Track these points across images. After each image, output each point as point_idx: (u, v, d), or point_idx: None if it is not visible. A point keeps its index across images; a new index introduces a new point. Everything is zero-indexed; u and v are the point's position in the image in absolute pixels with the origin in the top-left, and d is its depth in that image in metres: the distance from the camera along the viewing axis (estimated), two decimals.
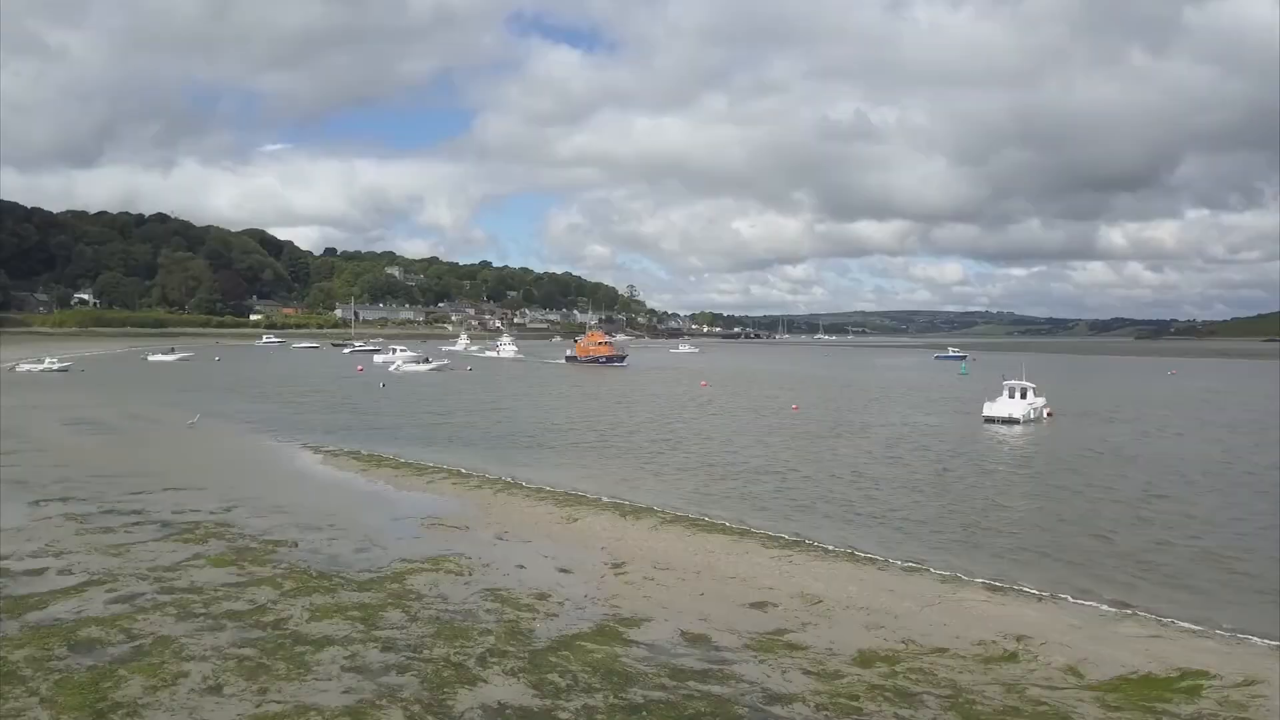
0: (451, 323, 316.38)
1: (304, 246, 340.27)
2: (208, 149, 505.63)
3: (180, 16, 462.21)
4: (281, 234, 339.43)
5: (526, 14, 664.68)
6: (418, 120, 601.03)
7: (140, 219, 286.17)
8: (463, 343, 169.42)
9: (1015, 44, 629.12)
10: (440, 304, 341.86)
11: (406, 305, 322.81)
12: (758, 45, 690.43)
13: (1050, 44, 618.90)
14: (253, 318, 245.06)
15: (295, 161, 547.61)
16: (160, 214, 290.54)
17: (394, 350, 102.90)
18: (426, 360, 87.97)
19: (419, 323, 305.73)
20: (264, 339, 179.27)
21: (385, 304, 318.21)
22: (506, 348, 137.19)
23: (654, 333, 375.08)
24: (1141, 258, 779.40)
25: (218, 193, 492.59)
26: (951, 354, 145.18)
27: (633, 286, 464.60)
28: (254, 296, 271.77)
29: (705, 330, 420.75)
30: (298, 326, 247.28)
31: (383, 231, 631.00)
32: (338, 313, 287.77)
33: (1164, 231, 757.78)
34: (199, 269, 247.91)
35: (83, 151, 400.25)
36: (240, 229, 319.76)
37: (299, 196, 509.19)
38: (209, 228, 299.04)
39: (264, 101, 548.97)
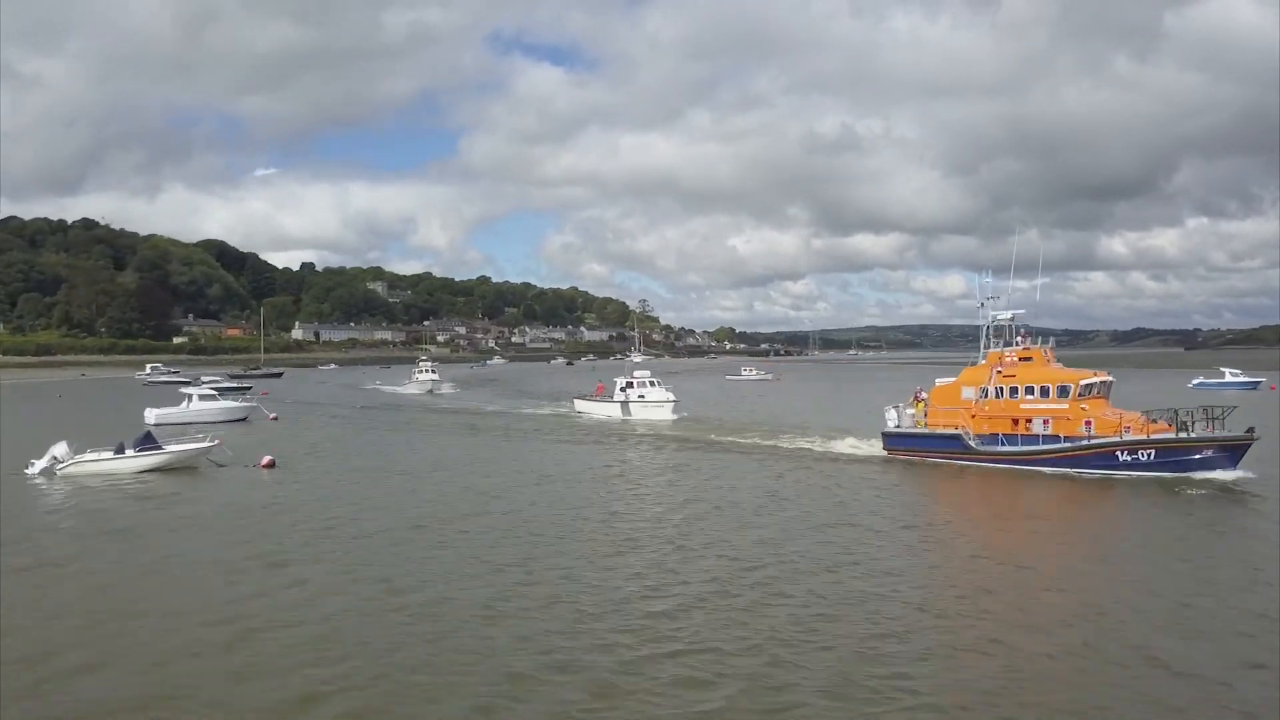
0: (436, 343, 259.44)
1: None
2: (195, 174, 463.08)
3: (152, 42, 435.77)
4: (275, 258, 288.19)
5: (506, 32, 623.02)
6: (406, 142, 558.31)
7: (61, 225, 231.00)
8: (424, 378, 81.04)
9: (996, 52, 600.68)
10: (426, 321, 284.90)
11: (384, 323, 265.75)
12: (738, 59, 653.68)
13: (1032, 51, 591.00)
14: (176, 340, 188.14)
15: (286, 185, 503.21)
16: (86, 219, 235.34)
17: (189, 399, 45.88)
18: (136, 448, 30.34)
19: (396, 344, 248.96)
20: (148, 369, 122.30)
21: (360, 322, 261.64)
22: (654, 398, 52.53)
23: (673, 351, 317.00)
24: (1143, 267, 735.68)
25: (210, 217, 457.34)
26: (1234, 380, 79.16)
27: (644, 301, 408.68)
28: (190, 315, 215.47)
29: (728, 347, 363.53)
30: (236, 350, 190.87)
31: (380, 254, 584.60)
32: (296, 333, 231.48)
33: (1165, 240, 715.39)
34: (111, 281, 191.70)
35: (66, 179, 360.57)
36: (198, 240, 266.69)
37: (291, 220, 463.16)
38: (151, 236, 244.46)
39: (247, 125, 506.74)
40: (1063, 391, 28.53)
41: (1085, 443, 27.43)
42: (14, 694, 10.56)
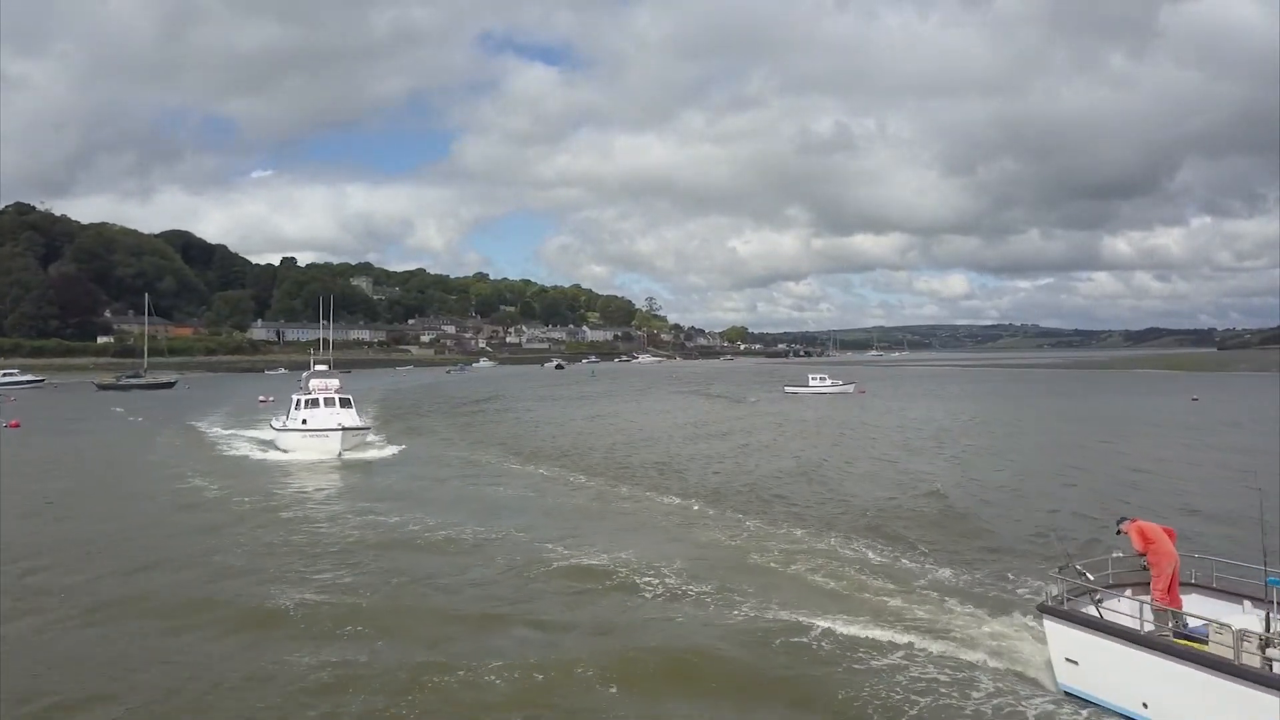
0: (420, 343, 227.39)
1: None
2: (189, 176, 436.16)
3: (135, 43, 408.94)
4: (272, 261, 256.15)
5: (497, 32, 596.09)
6: (401, 144, 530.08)
7: None
8: (322, 422, 34.41)
9: (990, 51, 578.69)
10: (411, 320, 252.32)
11: (362, 322, 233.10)
12: (728, 59, 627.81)
13: (1025, 50, 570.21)
14: (102, 340, 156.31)
15: (283, 188, 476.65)
16: (20, 204, 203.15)
17: None
18: None
19: (374, 344, 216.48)
20: None
21: (335, 320, 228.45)
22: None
23: (684, 352, 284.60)
24: (1148, 267, 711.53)
25: (207, 220, 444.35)
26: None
27: (652, 299, 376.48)
28: (130, 312, 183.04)
29: (742, 347, 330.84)
30: (175, 352, 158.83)
31: (379, 256, 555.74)
32: (257, 332, 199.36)
33: (1169, 239, 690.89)
34: (29, 271, 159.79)
35: (56, 182, 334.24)
36: (161, 232, 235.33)
37: (289, 223, 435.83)
38: (101, 225, 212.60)
39: (239, 127, 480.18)
40: None
41: None
42: None
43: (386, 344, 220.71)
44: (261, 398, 63.37)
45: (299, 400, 36.27)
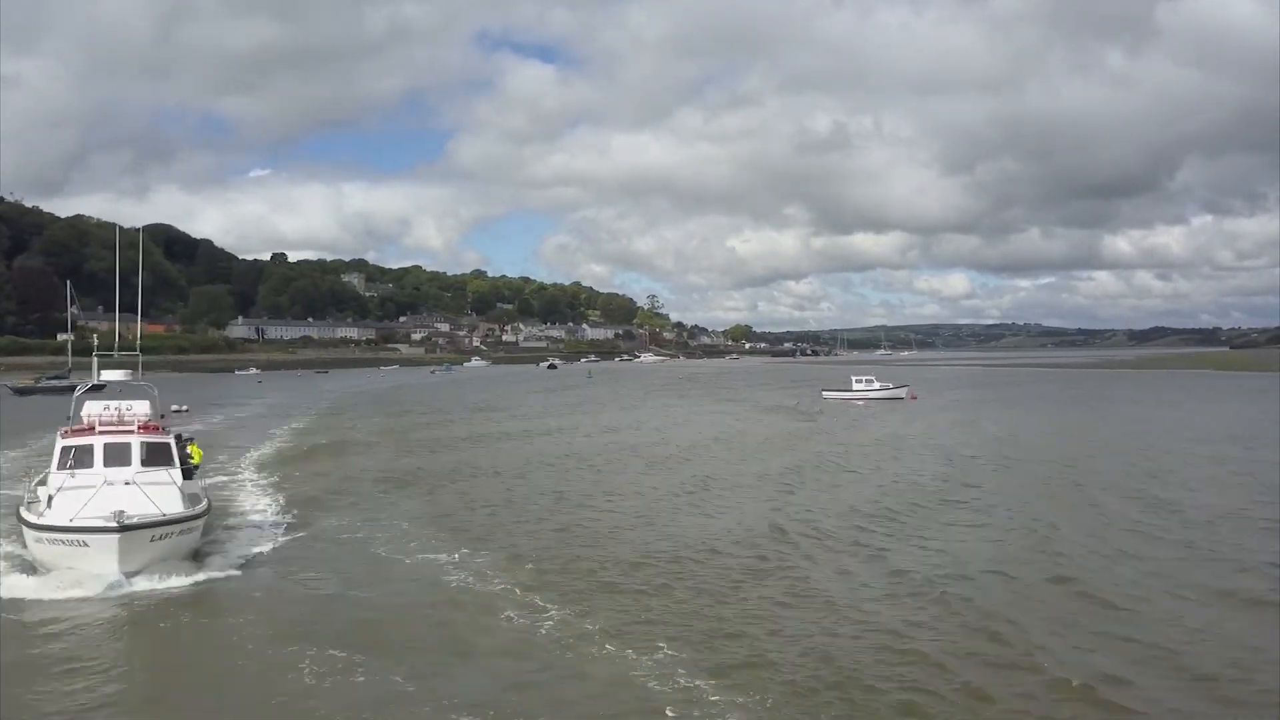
0: (410, 341, 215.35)
1: None
2: (187, 175, 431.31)
3: (128, 41, 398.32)
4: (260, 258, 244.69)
5: (493, 30, 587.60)
6: (399, 143, 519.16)
7: None
8: (88, 504, 13.85)
9: (987, 48, 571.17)
10: (402, 318, 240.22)
11: (351, 319, 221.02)
12: (724, 57, 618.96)
13: (1023, 48, 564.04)
14: (62, 337, 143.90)
15: (281, 187, 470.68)
16: None
17: None
18: None
19: (362, 343, 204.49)
20: None
21: (323, 318, 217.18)
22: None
23: (687, 350, 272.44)
24: (1149, 266, 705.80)
25: (205, 219, 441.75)
26: None
27: (654, 297, 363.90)
28: (100, 308, 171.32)
29: (747, 346, 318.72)
30: (142, 351, 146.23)
31: (378, 255, 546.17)
32: (237, 329, 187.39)
33: (1169, 238, 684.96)
34: None
35: (52, 182, 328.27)
36: (142, 226, 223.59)
37: (287, 222, 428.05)
38: (75, 217, 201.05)
39: (235, 126, 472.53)
40: None
41: None
42: None
43: (375, 342, 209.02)
44: (176, 406, 51.00)
45: (62, 450, 16.83)
